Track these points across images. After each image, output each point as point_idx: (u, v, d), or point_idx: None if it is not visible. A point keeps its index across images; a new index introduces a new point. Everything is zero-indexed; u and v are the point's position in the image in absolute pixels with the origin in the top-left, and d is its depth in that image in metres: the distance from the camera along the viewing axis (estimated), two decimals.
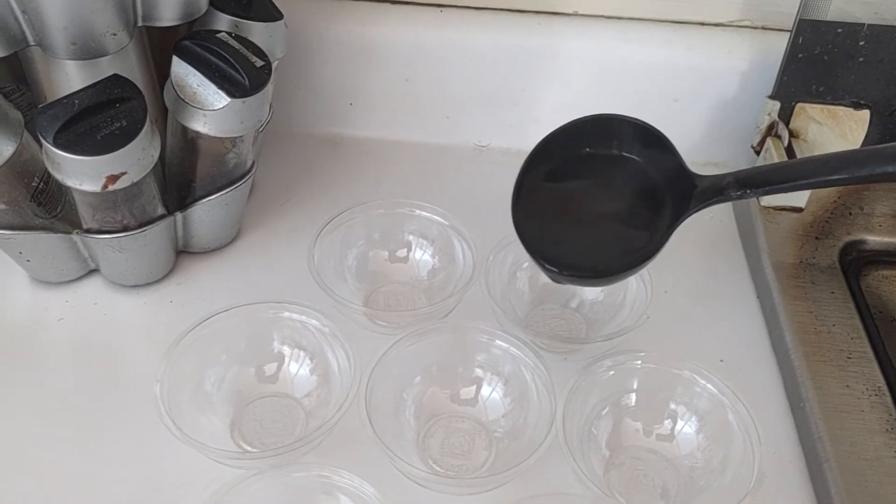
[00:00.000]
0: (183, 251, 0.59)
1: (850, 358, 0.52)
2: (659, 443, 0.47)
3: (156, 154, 0.49)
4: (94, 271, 0.57)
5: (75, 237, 0.53)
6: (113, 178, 0.47)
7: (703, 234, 0.64)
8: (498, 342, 0.49)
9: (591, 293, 0.56)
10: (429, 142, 0.70)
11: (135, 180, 0.47)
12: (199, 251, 0.59)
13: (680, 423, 0.48)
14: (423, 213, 0.57)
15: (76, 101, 0.45)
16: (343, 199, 0.57)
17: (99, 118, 0.46)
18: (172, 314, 0.56)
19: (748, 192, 0.44)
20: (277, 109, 0.64)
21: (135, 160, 0.47)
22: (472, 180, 0.67)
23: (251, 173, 0.56)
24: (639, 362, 0.48)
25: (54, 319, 0.55)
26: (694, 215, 0.66)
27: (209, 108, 0.49)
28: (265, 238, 0.61)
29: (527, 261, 0.55)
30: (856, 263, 0.60)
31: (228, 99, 0.49)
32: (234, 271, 0.59)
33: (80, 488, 0.46)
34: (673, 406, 0.48)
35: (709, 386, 0.47)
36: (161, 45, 0.54)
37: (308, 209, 0.64)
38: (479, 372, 0.50)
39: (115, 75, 0.47)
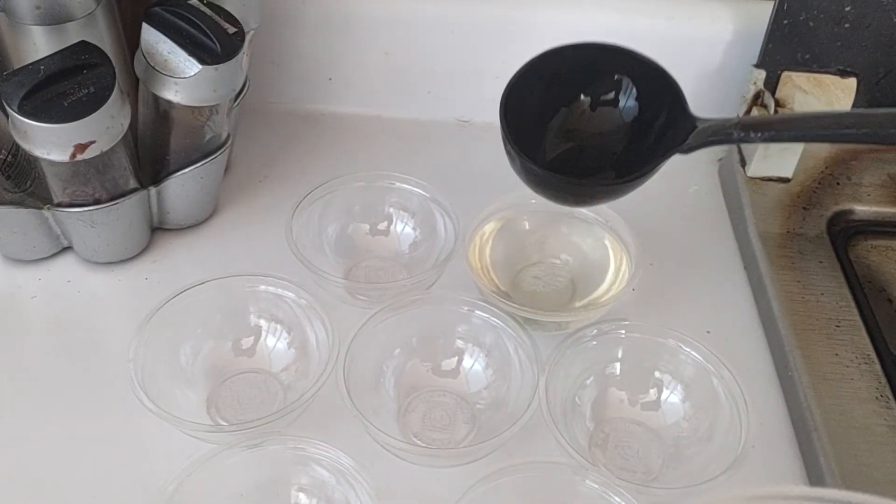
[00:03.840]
0: (158, 228, 0.57)
1: (838, 326, 0.51)
2: (644, 412, 0.46)
3: (125, 122, 0.47)
4: (67, 249, 0.56)
5: (46, 213, 0.52)
6: (81, 147, 0.45)
7: (690, 206, 0.63)
8: (478, 313, 0.48)
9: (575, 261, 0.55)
10: (410, 117, 0.69)
11: (104, 149, 0.46)
12: (174, 228, 0.58)
13: (665, 392, 0.47)
14: (404, 186, 0.56)
15: (41, 68, 0.44)
16: (322, 176, 0.56)
17: (66, 85, 0.44)
18: (147, 291, 0.54)
19: (752, 135, 0.43)
20: (255, 85, 0.62)
21: (104, 128, 0.46)
22: (453, 155, 0.66)
23: (226, 146, 0.55)
24: (623, 332, 0.47)
25: (27, 297, 0.54)
26: (679, 188, 0.65)
27: (180, 75, 0.48)
28: (243, 215, 0.60)
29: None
30: (844, 233, 0.59)
31: (200, 66, 0.48)
32: (210, 248, 0.58)
33: (55, 464, 0.45)
34: (658, 375, 0.47)
35: (693, 353, 0.46)
36: (133, 20, 0.53)
37: (286, 186, 0.62)
38: (460, 343, 0.49)
39: (83, 42, 0.46)
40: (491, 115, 0.68)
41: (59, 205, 0.51)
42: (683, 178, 0.65)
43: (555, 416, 0.43)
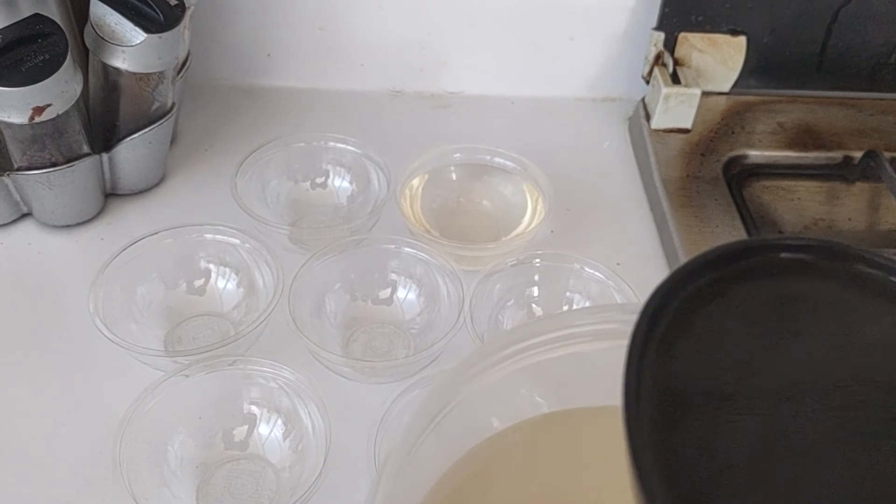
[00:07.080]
0: (112, 194, 0.62)
1: None
2: None
3: (78, 88, 0.52)
4: (26, 216, 0.60)
5: (7, 179, 0.56)
6: (39, 110, 0.50)
7: (603, 160, 0.69)
8: (407, 249, 0.53)
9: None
10: (345, 89, 0.74)
11: (60, 112, 0.51)
12: (126, 193, 0.62)
13: (576, 307, 0.52)
14: (338, 145, 0.61)
15: (0, 37, 0.48)
16: None
17: (22, 52, 0.48)
18: (103, 250, 0.58)
19: None
20: (197, 62, 0.67)
21: (59, 92, 0.50)
22: (387, 124, 0.71)
23: (172, 113, 0.59)
24: (537, 261, 0.53)
25: None
26: (594, 145, 0.71)
27: (127, 44, 0.52)
28: (190, 181, 0.64)
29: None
30: (738, 176, 0.66)
31: (145, 34, 0.52)
32: (161, 211, 0.62)
33: (22, 406, 0.49)
34: (569, 294, 0.53)
35: (597, 273, 0.52)
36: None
37: (230, 155, 0.66)
38: (393, 276, 0.54)
39: (37, 14, 0.50)
40: (419, 84, 0.75)
41: (19, 169, 0.55)
42: (598, 136, 0.71)
43: (479, 333, 0.48)
